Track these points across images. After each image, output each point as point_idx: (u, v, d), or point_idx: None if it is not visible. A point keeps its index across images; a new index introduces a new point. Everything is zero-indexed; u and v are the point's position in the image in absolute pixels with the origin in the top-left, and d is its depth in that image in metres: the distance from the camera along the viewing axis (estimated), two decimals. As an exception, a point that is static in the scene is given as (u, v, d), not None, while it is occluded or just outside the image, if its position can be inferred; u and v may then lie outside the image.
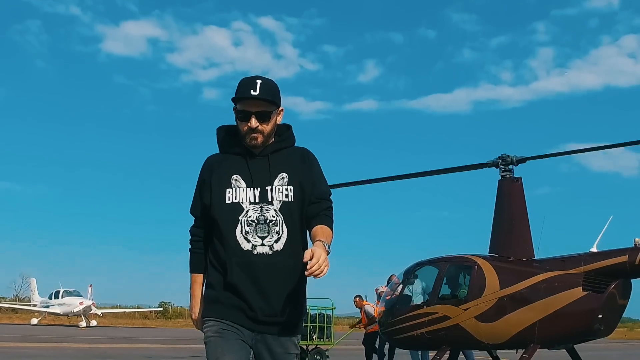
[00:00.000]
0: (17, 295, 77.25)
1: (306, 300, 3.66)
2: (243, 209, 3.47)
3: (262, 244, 3.43)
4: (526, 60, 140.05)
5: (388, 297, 15.17)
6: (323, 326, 16.62)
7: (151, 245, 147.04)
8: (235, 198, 3.48)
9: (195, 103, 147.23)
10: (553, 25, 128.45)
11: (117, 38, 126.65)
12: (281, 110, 3.61)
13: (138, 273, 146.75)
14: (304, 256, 3.19)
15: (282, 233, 3.46)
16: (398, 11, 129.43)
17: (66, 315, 47.37)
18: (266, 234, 3.44)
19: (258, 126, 3.50)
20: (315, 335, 16.55)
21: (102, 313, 51.99)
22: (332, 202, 3.65)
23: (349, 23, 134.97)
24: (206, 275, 3.64)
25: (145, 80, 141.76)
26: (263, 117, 3.50)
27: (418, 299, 14.37)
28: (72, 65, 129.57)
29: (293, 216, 3.50)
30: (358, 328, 18.80)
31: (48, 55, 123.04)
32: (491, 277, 13.16)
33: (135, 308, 67.91)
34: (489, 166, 14.27)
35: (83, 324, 44.67)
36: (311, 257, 3.16)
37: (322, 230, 3.45)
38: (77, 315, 46.03)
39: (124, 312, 63.58)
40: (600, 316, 12.33)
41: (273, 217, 3.46)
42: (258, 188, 3.49)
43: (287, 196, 3.49)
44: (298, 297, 3.53)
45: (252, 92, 3.46)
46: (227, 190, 3.50)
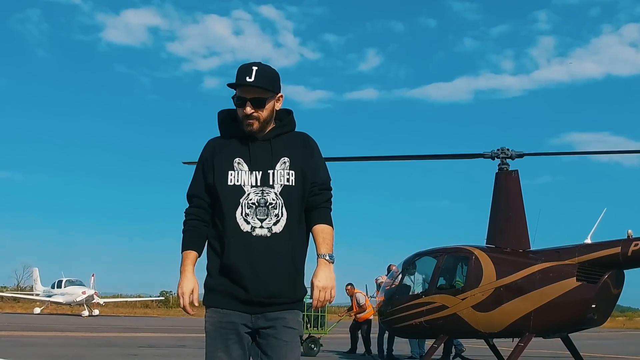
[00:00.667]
0: (19, 284, 77.27)
1: (303, 280, 3.65)
2: (244, 192, 3.51)
3: (261, 226, 3.46)
4: (527, 49, 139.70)
5: (387, 287, 15.47)
6: (317, 315, 16.88)
7: (152, 234, 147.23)
8: (237, 181, 3.52)
9: (196, 92, 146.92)
10: (554, 14, 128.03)
11: (118, 27, 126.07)
12: (280, 96, 3.65)
13: (139, 262, 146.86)
14: (312, 295, 3.48)
15: (281, 216, 3.49)
16: (399, 0, 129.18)
17: (69, 304, 47.43)
18: (265, 217, 3.47)
19: (253, 112, 3.54)
20: (310, 324, 16.80)
21: (104, 302, 52.14)
22: (332, 189, 3.72)
23: (350, 12, 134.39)
24: (199, 252, 3.64)
25: (145, 69, 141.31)
26: (258, 104, 3.53)
27: (417, 289, 14.67)
28: (73, 54, 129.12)
29: (293, 200, 3.53)
30: (349, 316, 19.07)
31: (48, 44, 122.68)
32: (488, 268, 13.44)
33: (136, 297, 68.25)
34: (488, 157, 14.52)
35: (86, 313, 44.83)
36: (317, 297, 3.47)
37: (323, 235, 3.58)
38: (80, 304, 46.13)
39: (126, 302, 63.86)
40: (593, 306, 12.62)
41: (273, 200, 3.49)
42: (260, 171, 3.53)
43: (289, 180, 3.53)
44: (296, 278, 3.54)
45: (248, 79, 3.50)
46: (230, 172, 3.54)
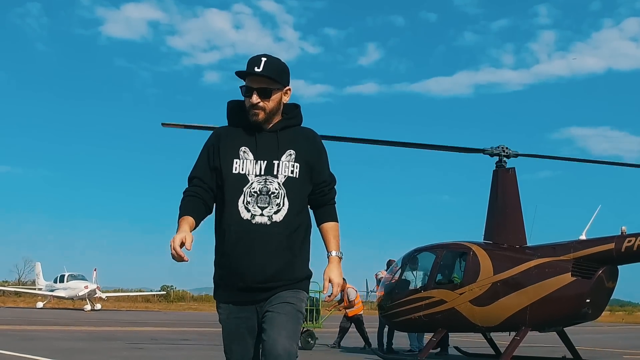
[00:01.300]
0: (20, 279, 77.33)
1: (307, 263, 3.73)
2: (248, 181, 3.55)
3: (262, 214, 3.50)
4: (528, 43, 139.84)
5: (387, 282, 15.77)
6: (313, 309, 17.15)
7: (152, 229, 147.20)
8: (242, 169, 3.57)
9: (196, 86, 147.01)
10: (555, 8, 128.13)
11: (118, 21, 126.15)
12: (288, 89, 3.70)
13: (139, 257, 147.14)
14: (324, 287, 3.66)
15: (283, 206, 3.53)
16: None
17: (71, 299, 47.59)
18: (266, 205, 3.51)
19: (259, 102, 3.58)
20: (306, 318, 17.06)
21: (106, 297, 52.30)
22: (336, 182, 3.83)
23: (350, 6, 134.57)
24: (195, 219, 3.63)
25: (145, 63, 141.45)
26: (264, 94, 3.58)
27: (416, 284, 14.97)
28: (73, 48, 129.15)
29: (295, 191, 3.57)
30: (337, 310, 19.32)
31: (48, 38, 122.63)
32: (485, 263, 13.74)
33: (137, 291, 68.43)
34: (488, 153, 14.76)
35: (88, 308, 44.97)
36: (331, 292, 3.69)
37: (333, 233, 3.73)
38: (82, 298, 46.29)
39: (128, 296, 64.06)
40: (588, 300, 12.92)
41: (276, 190, 3.53)
42: (265, 161, 3.57)
43: (293, 172, 3.57)
44: (294, 262, 3.58)
45: (256, 69, 3.56)
46: (235, 160, 3.58)
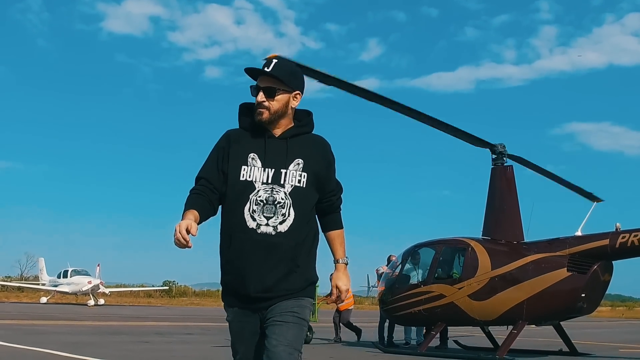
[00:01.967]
0: (22, 274, 77.44)
1: (313, 270, 3.72)
2: (255, 188, 3.52)
3: (267, 224, 3.48)
4: (529, 38, 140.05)
5: (388, 277, 16.10)
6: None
7: (154, 224, 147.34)
8: (249, 176, 3.54)
9: (197, 82, 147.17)
10: (556, 3, 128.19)
11: (119, 16, 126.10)
12: (297, 93, 3.65)
13: (141, 252, 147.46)
14: (332, 294, 3.75)
15: (288, 216, 3.51)
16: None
17: (75, 294, 47.89)
18: (272, 215, 3.49)
19: (264, 101, 3.57)
20: None
21: (109, 292, 52.55)
22: (342, 191, 3.84)
23: (351, 1, 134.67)
24: (200, 213, 3.60)
25: (146, 58, 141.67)
26: (269, 93, 3.56)
27: (416, 279, 15.30)
28: (73, 44, 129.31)
29: (302, 201, 3.55)
30: (326, 303, 19.54)
31: (49, 34, 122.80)
32: (483, 259, 14.08)
33: (139, 287, 68.69)
34: (488, 147, 15.01)
35: (91, 303, 45.23)
36: (337, 295, 3.72)
37: (339, 240, 3.80)
38: (86, 294, 46.58)
39: (131, 291, 64.33)
40: (583, 295, 13.26)
41: (282, 200, 3.50)
42: (272, 169, 3.54)
43: (300, 182, 3.54)
44: (296, 272, 3.57)
45: (265, 69, 3.58)
46: (243, 167, 3.56)
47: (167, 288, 73.78)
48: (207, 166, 3.69)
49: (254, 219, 3.48)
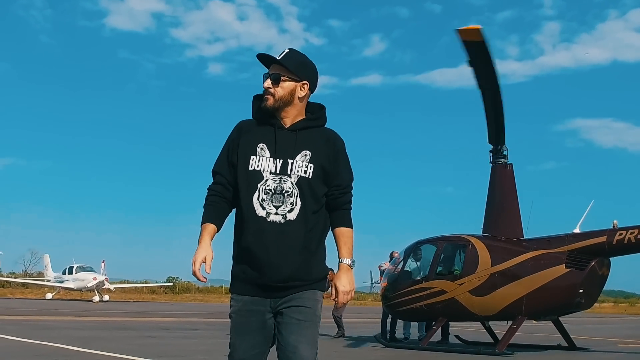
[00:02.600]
0: (26, 270, 77.78)
1: (323, 261, 3.74)
2: (263, 177, 3.59)
3: (276, 213, 3.55)
4: (532, 34, 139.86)
5: (390, 273, 16.39)
6: None
7: (157, 220, 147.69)
8: (257, 166, 3.61)
9: (200, 78, 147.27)
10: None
11: (122, 13, 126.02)
12: (304, 83, 3.70)
13: (144, 248, 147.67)
14: (331, 294, 3.70)
15: (296, 205, 3.57)
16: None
17: (80, 290, 48.26)
18: (280, 204, 3.56)
19: (270, 88, 3.65)
20: None
21: (114, 288, 52.84)
22: (352, 188, 3.81)
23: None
24: (217, 226, 3.73)
25: (149, 55, 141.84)
26: (275, 79, 3.65)
27: (417, 275, 15.59)
28: (76, 40, 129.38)
29: (308, 192, 3.60)
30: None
31: (52, 30, 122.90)
32: (484, 255, 14.37)
33: (143, 283, 69.06)
34: (491, 142, 15.28)
35: (96, 299, 45.55)
36: (337, 293, 3.67)
37: (344, 239, 3.72)
38: (91, 290, 46.92)
39: (135, 287, 64.66)
40: (581, 291, 13.56)
41: (289, 189, 3.57)
42: (280, 160, 3.61)
43: (306, 172, 3.60)
44: (311, 260, 3.62)
45: (276, 57, 3.68)
46: (252, 157, 3.63)
47: (172, 284, 74.08)
48: (220, 159, 3.78)
49: (264, 208, 3.56)
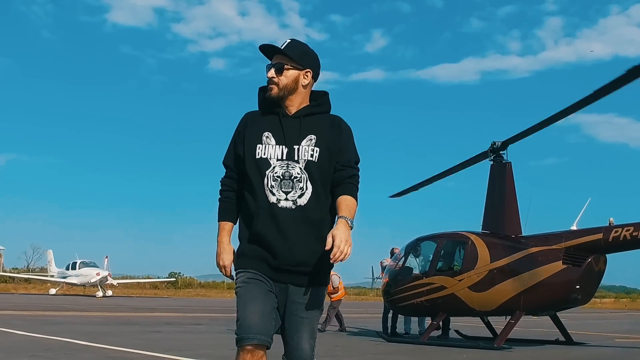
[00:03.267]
0: (29, 266, 77.94)
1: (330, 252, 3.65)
2: (270, 165, 3.63)
3: (286, 199, 3.58)
4: (534, 30, 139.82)
5: (391, 269, 16.66)
6: None
7: (158, 216, 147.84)
8: (264, 154, 3.65)
9: (201, 73, 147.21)
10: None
11: (123, 8, 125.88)
12: (307, 71, 3.77)
13: (146, 244, 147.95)
14: (326, 243, 3.40)
15: (306, 189, 3.60)
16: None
17: (83, 285, 48.55)
18: (290, 189, 3.59)
19: (274, 77, 3.70)
20: None
21: (117, 283, 53.12)
22: (359, 170, 3.79)
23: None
24: (234, 222, 3.81)
25: (151, 50, 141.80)
26: (278, 69, 3.71)
27: (418, 271, 15.87)
28: (78, 35, 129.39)
29: (316, 175, 3.63)
30: None
31: (53, 25, 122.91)
32: (483, 252, 14.64)
33: (145, 278, 69.32)
34: (482, 158, 15.65)
35: (100, 294, 45.82)
36: (332, 245, 3.38)
37: (346, 202, 3.62)
38: (94, 285, 47.20)
39: (138, 283, 64.93)
40: (578, 287, 13.85)
41: (298, 174, 3.60)
42: (286, 146, 3.65)
43: (312, 156, 3.63)
44: (321, 249, 3.57)
45: (280, 47, 3.74)
46: (258, 145, 3.67)
47: (174, 280, 74.32)
48: (229, 152, 3.86)
49: (273, 194, 3.59)
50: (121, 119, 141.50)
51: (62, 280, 49.94)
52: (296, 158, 3.63)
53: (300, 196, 3.60)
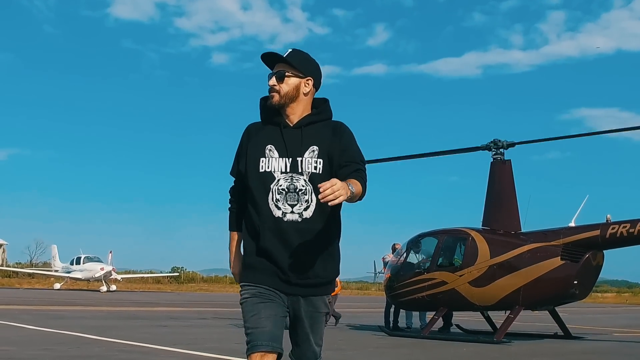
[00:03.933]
0: (32, 260, 78.25)
1: (338, 262, 3.77)
2: (275, 178, 3.60)
3: (292, 212, 3.56)
4: (537, 24, 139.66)
5: (393, 265, 16.94)
6: None
7: (160, 210, 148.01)
8: (268, 167, 3.61)
9: (203, 68, 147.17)
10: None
11: (125, 2, 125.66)
12: (308, 79, 3.74)
13: (149, 238, 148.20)
14: (321, 185, 3.26)
15: (311, 202, 3.58)
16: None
17: (87, 280, 48.92)
18: (296, 202, 3.57)
19: (275, 85, 3.67)
20: None
21: (122, 278, 53.43)
22: (365, 168, 3.71)
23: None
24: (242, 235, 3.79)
25: (153, 44, 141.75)
26: (279, 76, 3.68)
27: (419, 266, 16.15)
28: (80, 30, 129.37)
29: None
30: None
31: (55, 20, 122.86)
32: (483, 248, 14.92)
33: (148, 273, 69.68)
34: (482, 149, 15.91)
35: (104, 289, 46.23)
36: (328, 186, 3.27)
37: (352, 180, 3.50)
38: (98, 280, 47.58)
39: (141, 277, 65.27)
40: (575, 282, 14.13)
41: (302, 187, 3.58)
42: (290, 159, 3.61)
43: (316, 168, 3.60)
44: (330, 260, 3.65)
45: (282, 55, 3.73)
46: (261, 159, 3.64)
47: (177, 274, 74.58)
48: (234, 164, 3.84)
49: (279, 208, 3.57)
50: (123, 114, 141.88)
51: (67, 275, 50.24)
52: (300, 170, 3.61)
53: (306, 209, 3.59)
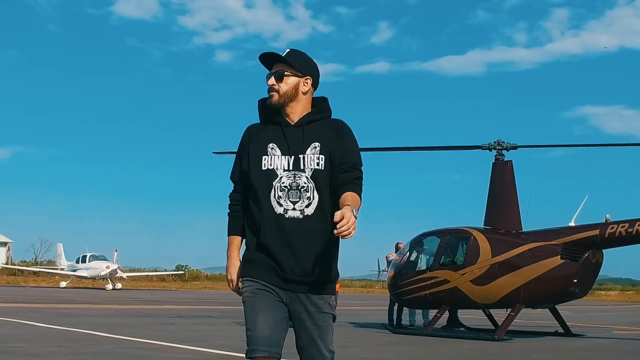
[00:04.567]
0: (36, 258, 78.54)
1: (336, 262, 3.74)
2: (277, 175, 3.61)
3: (294, 209, 3.57)
4: (541, 21, 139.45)
5: (396, 263, 17.21)
6: None
7: (164, 208, 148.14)
8: (270, 165, 3.63)
9: (207, 65, 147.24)
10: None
11: (129, 0, 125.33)
12: (307, 78, 3.76)
13: (152, 236, 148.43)
14: (335, 217, 3.27)
15: (313, 199, 3.59)
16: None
17: (93, 278, 49.19)
18: (297, 199, 3.58)
19: (274, 85, 3.70)
20: None
21: (127, 276, 53.68)
22: (363, 173, 3.73)
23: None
24: (243, 237, 3.79)
25: (156, 42, 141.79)
26: (278, 76, 3.71)
27: (422, 265, 16.41)
28: (84, 28, 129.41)
29: (323, 184, 3.61)
30: None
31: (59, 18, 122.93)
32: (484, 247, 15.17)
33: (152, 271, 69.95)
34: (485, 149, 16.17)
35: (109, 287, 46.49)
36: (341, 219, 3.25)
37: (351, 196, 3.52)
38: (104, 278, 47.85)
39: (146, 276, 65.54)
40: (575, 280, 14.39)
41: (305, 184, 3.59)
42: (292, 156, 3.63)
43: (319, 164, 3.61)
44: (329, 259, 3.64)
45: (280, 55, 3.77)
46: (264, 157, 3.66)
47: (182, 272, 74.80)
48: (235, 166, 3.86)
49: (281, 205, 3.58)
50: (127, 111, 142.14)
51: (72, 273, 50.52)
52: (302, 167, 3.63)
53: (307, 206, 3.60)
